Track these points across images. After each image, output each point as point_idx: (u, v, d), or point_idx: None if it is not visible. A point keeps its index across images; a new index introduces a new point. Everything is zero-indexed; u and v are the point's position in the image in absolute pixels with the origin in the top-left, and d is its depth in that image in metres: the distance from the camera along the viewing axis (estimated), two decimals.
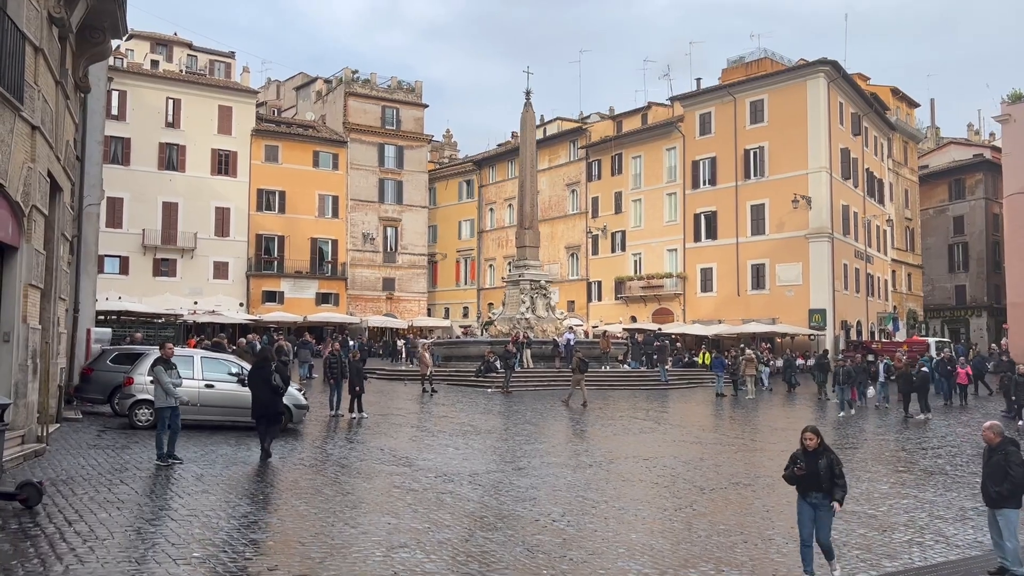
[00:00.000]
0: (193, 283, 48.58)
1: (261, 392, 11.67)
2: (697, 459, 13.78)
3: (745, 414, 21.95)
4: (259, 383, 11.71)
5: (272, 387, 11.65)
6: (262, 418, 11.69)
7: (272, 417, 11.81)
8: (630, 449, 14.66)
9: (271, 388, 11.65)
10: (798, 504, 7.35)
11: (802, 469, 7.17)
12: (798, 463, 7.22)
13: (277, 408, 11.98)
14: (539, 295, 34.46)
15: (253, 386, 11.91)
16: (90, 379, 16.09)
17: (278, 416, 12.17)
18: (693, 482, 11.77)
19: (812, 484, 7.16)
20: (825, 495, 7.14)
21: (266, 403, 11.63)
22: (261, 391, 11.68)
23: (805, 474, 7.16)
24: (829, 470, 7.14)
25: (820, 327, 42.91)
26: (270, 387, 11.64)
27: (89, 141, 17.88)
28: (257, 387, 11.76)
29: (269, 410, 11.67)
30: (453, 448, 13.97)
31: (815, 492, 7.17)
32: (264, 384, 11.65)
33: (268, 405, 11.65)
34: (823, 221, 43.12)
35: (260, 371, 11.86)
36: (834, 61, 43.46)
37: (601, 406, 22.54)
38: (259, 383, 11.71)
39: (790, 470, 7.30)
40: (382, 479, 10.87)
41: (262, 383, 11.67)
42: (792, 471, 7.27)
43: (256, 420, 11.84)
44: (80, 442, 12.41)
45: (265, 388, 11.65)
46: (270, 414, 11.72)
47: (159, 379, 10.57)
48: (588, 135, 56.11)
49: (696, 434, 17.23)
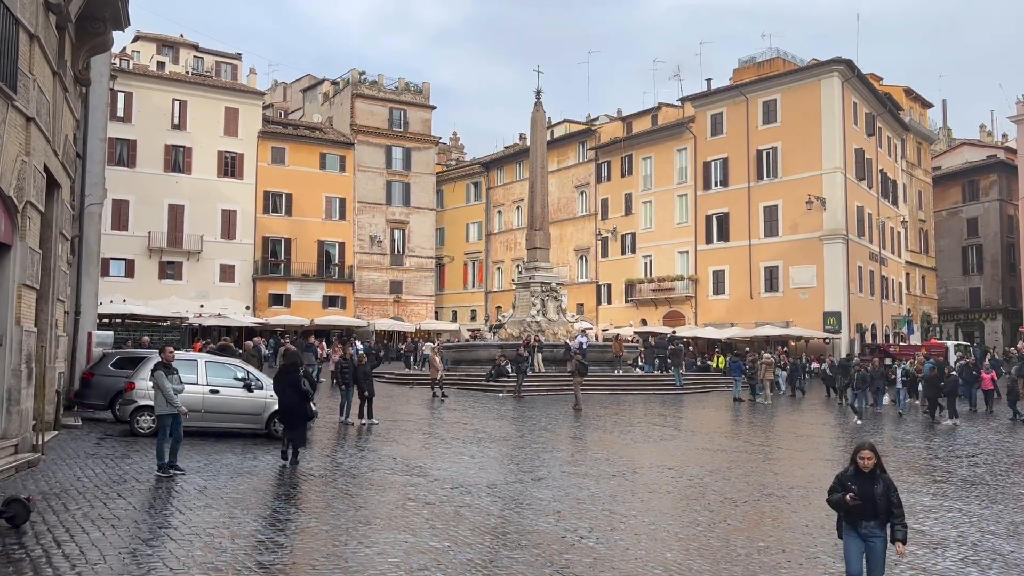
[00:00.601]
0: (199, 286, 48.11)
1: (288, 396, 11.54)
2: (724, 468, 13.14)
3: (765, 420, 21.28)
4: (286, 387, 11.56)
5: (300, 391, 11.51)
6: (289, 422, 11.55)
7: (299, 422, 11.66)
8: (653, 457, 14.02)
9: (299, 392, 11.50)
10: (844, 535, 6.10)
11: (856, 498, 5.85)
12: (849, 488, 5.91)
13: (305, 413, 11.78)
14: (550, 298, 33.82)
15: (280, 390, 11.76)
16: (91, 384, 15.50)
17: (305, 421, 11.99)
18: (723, 493, 11.12)
19: (865, 513, 5.92)
20: (879, 524, 5.93)
21: (293, 407, 11.49)
22: (288, 395, 11.55)
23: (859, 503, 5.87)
24: (886, 497, 5.87)
25: (835, 330, 42.16)
26: (298, 391, 11.50)
27: (91, 138, 17.36)
28: (284, 391, 11.61)
29: (296, 415, 11.52)
30: (468, 456, 13.36)
31: (868, 521, 5.93)
32: (292, 388, 11.50)
33: (295, 409, 11.50)
34: (838, 222, 42.39)
35: (288, 375, 11.68)
36: (848, 60, 42.78)
37: (617, 411, 21.91)
38: (286, 387, 11.56)
39: (839, 497, 5.96)
40: (396, 491, 10.26)
41: (289, 387, 11.52)
42: (842, 498, 5.92)
43: (283, 424, 11.69)
44: (78, 451, 11.83)
45: (293, 392, 11.49)
46: (297, 419, 11.56)
47: (160, 385, 9.99)
48: (597, 136, 55.50)
49: (719, 441, 16.57)
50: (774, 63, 49.02)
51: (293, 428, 11.49)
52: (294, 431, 11.48)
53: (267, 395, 14.22)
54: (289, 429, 11.55)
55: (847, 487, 5.94)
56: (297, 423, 11.56)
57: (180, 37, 58.23)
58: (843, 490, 5.93)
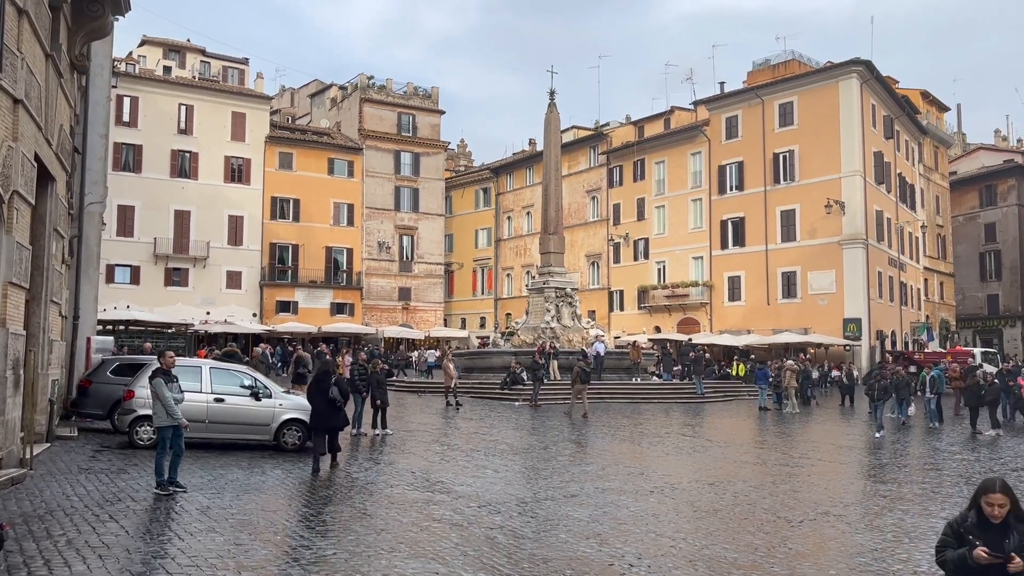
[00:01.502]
0: (205, 293, 47.31)
1: (319, 404, 11.56)
2: (768, 483, 12.14)
3: (796, 430, 20.26)
4: (319, 395, 11.62)
5: (329, 400, 11.49)
6: (319, 431, 11.55)
7: (329, 431, 11.62)
8: (688, 471, 13.04)
9: (331, 402, 11.50)
10: None
11: (991, 556, 3.96)
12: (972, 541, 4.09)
13: (335, 422, 11.72)
14: (565, 303, 32.87)
15: (312, 398, 11.84)
16: (88, 392, 14.56)
17: (335, 430, 11.86)
18: (775, 512, 10.13)
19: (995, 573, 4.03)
20: None
21: (323, 416, 11.49)
22: (319, 403, 11.56)
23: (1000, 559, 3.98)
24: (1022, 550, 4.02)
25: (855, 337, 41.10)
26: (331, 401, 11.52)
27: (91, 134, 16.53)
28: (316, 399, 11.65)
29: (324, 423, 11.50)
30: (492, 470, 12.40)
31: None
32: (323, 396, 11.53)
33: (324, 418, 11.50)
34: (857, 227, 41.37)
35: (320, 383, 11.70)
36: (867, 61, 41.86)
37: (640, 421, 20.92)
38: (319, 395, 11.62)
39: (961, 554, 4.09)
40: (418, 510, 9.30)
41: (321, 395, 11.58)
42: (968, 555, 4.04)
43: (312, 433, 11.72)
44: (71, 465, 10.90)
45: (323, 400, 11.51)
46: (327, 428, 11.55)
47: (158, 394, 9.05)
48: (609, 141, 54.63)
49: (754, 452, 15.57)
50: (789, 65, 48.14)
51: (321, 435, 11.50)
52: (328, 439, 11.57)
53: (275, 404, 13.32)
54: (317, 437, 11.54)
55: (966, 540, 4.14)
56: (330, 431, 11.58)
57: (187, 42, 57.66)
58: (960, 544, 4.16)
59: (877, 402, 19.60)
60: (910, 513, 10.35)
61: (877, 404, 19.56)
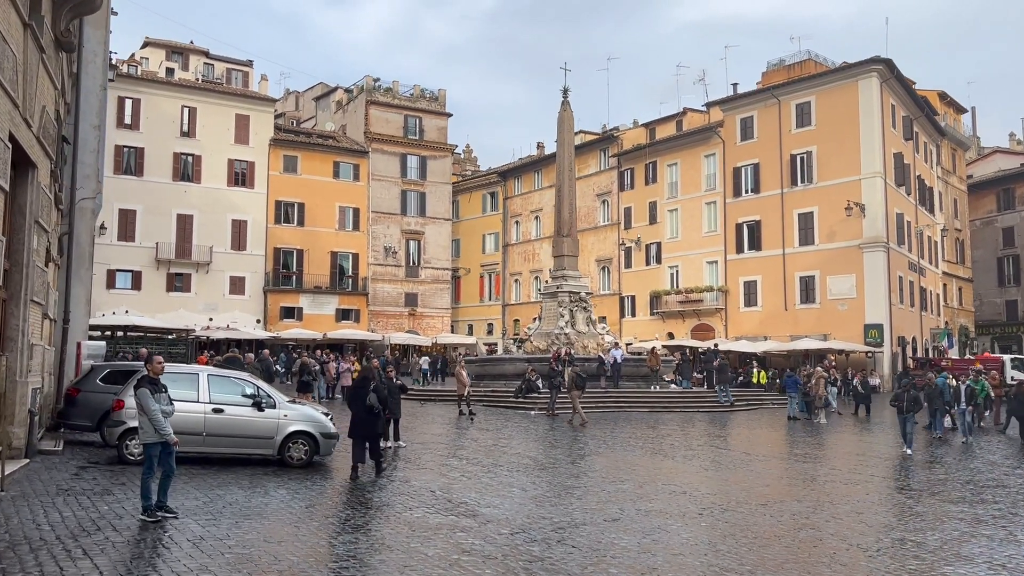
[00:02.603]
0: (208, 299, 46.24)
1: (358, 412, 11.65)
2: (825, 503, 10.93)
3: (834, 441, 19.02)
4: (357, 402, 11.71)
5: (367, 407, 11.53)
6: (357, 438, 11.56)
7: (369, 438, 11.64)
8: (734, 489, 11.82)
9: (367, 408, 11.55)
10: None
11: None
12: None
13: (373, 429, 11.75)
14: (579, 308, 31.68)
15: (351, 404, 11.99)
16: (76, 401, 13.36)
17: (375, 437, 11.86)
18: (845, 538, 8.93)
19: None
20: None
21: (361, 422, 11.57)
22: (358, 410, 11.67)
23: None
24: None
25: (877, 343, 39.82)
26: (369, 409, 11.58)
27: (83, 124, 15.43)
28: (355, 406, 11.77)
29: (361, 430, 11.55)
30: (519, 488, 11.20)
31: None
32: (361, 403, 11.61)
33: (361, 425, 11.57)
34: (878, 230, 40.15)
35: (360, 389, 11.81)
36: (888, 59, 40.70)
37: (667, 431, 19.71)
38: (357, 402, 11.71)
39: None
40: (443, 538, 8.11)
41: (359, 402, 11.63)
42: None
43: (352, 439, 11.69)
44: (49, 485, 9.71)
45: (362, 407, 11.60)
46: (364, 434, 11.58)
47: (144, 406, 7.85)
48: (619, 143, 53.49)
49: (799, 467, 14.33)
50: (805, 65, 47.03)
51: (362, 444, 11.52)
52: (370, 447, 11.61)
53: (279, 415, 12.14)
54: (357, 444, 11.53)
55: None
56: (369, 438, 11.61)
57: (190, 44, 56.71)
58: None
59: (907, 415, 17.09)
60: (996, 539, 9.14)
61: (907, 417, 17.06)
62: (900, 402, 17.08)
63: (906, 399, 16.99)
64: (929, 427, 20.60)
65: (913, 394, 17.28)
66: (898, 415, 17.14)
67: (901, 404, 17.05)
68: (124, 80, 46.33)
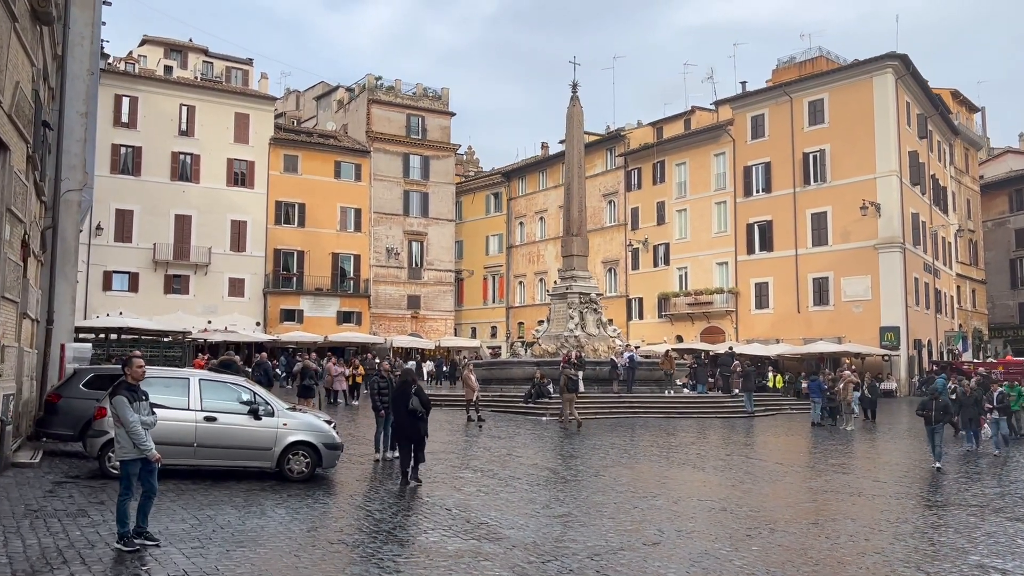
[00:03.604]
0: (207, 301, 45.18)
1: (401, 415, 11.54)
2: (881, 521, 9.87)
3: (867, 450, 17.95)
4: (401, 405, 11.59)
5: (410, 410, 11.38)
6: (403, 442, 11.55)
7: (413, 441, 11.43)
8: (778, 506, 10.75)
9: (412, 413, 11.40)
10: None
11: None
12: None
13: (418, 432, 11.46)
14: (589, 310, 30.62)
15: (394, 408, 11.89)
16: (57, 409, 12.24)
17: (420, 440, 11.53)
18: (917, 565, 7.88)
19: None
20: None
21: (405, 426, 11.49)
22: (401, 414, 11.54)
23: None
24: None
25: (894, 346, 38.76)
26: (412, 412, 11.41)
27: (69, 111, 14.40)
28: (398, 410, 11.62)
29: (406, 433, 11.46)
30: (542, 505, 10.12)
31: None
32: (405, 407, 11.47)
33: (405, 428, 11.48)
34: (894, 230, 39.09)
35: (403, 393, 11.64)
36: (903, 55, 39.70)
37: (688, 440, 18.64)
38: (401, 405, 11.59)
39: None
40: (465, 567, 7.05)
41: (403, 405, 11.53)
42: None
43: (398, 444, 11.77)
44: (18, 504, 8.61)
45: (404, 411, 11.47)
46: (410, 438, 11.44)
47: (120, 416, 6.76)
48: (626, 142, 52.48)
49: (841, 480, 13.21)
50: (816, 62, 46.03)
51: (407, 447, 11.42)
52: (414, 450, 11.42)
53: (278, 423, 11.09)
54: (403, 448, 11.51)
55: None
56: (414, 441, 11.44)
57: (189, 41, 55.73)
58: None
59: (935, 425, 14.74)
60: None
61: (935, 428, 14.73)
62: (928, 411, 14.90)
63: (934, 408, 14.91)
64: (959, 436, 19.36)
65: (942, 402, 15.45)
66: (925, 426, 15.07)
67: (929, 413, 14.86)
68: (121, 78, 45.42)
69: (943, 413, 15.11)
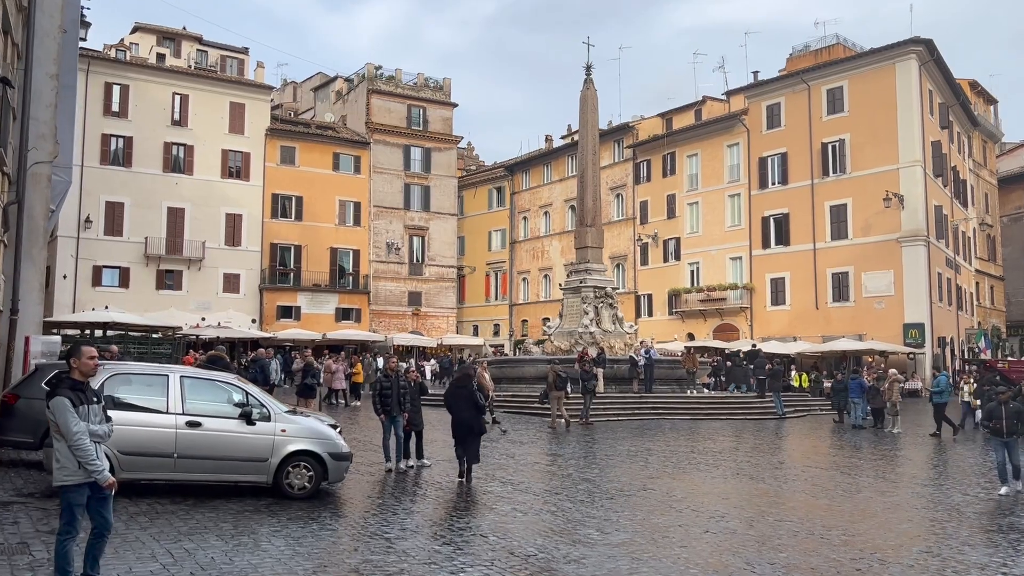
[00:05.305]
0: (201, 297, 43.37)
1: (463, 411, 11.30)
2: (1003, 542, 8.15)
3: (926, 456, 16.24)
4: (461, 401, 11.40)
5: (476, 405, 11.37)
6: (466, 438, 11.25)
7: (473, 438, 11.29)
8: (874, 529, 9.00)
9: (475, 406, 11.34)
10: None
11: None
12: None
13: (480, 427, 11.48)
14: (604, 305, 28.92)
15: (453, 404, 11.53)
16: (14, 411, 10.36)
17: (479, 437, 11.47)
18: None
19: None
20: None
21: (469, 422, 11.28)
22: (464, 410, 11.30)
23: None
24: None
25: (918, 344, 37.11)
26: (475, 405, 11.35)
27: (37, 72, 12.62)
28: (459, 406, 11.38)
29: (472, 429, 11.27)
30: (595, 531, 8.35)
31: None
32: (466, 401, 11.33)
33: (470, 424, 11.28)
34: (918, 223, 37.43)
35: (462, 388, 11.53)
36: (928, 40, 38.02)
37: (729, 446, 16.93)
38: (461, 401, 11.40)
39: None
40: None
41: (464, 401, 11.36)
42: None
43: (456, 441, 11.39)
44: None
45: (467, 406, 11.29)
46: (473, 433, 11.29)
47: (60, 423, 4.93)
48: (635, 133, 50.75)
49: (931, 494, 11.43)
50: (833, 50, 44.38)
51: (467, 445, 11.20)
52: (468, 448, 11.20)
53: (275, 429, 9.33)
54: (462, 445, 11.25)
55: None
56: (471, 439, 11.25)
57: (182, 29, 53.88)
58: None
59: (1008, 439, 11.53)
60: None
61: (1009, 441, 11.52)
62: (998, 420, 11.71)
63: (1006, 415, 11.66)
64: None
65: (1014, 407, 11.81)
66: (993, 438, 11.98)
67: (1000, 424, 11.65)
68: (112, 65, 43.65)
69: (1016, 422, 11.66)
